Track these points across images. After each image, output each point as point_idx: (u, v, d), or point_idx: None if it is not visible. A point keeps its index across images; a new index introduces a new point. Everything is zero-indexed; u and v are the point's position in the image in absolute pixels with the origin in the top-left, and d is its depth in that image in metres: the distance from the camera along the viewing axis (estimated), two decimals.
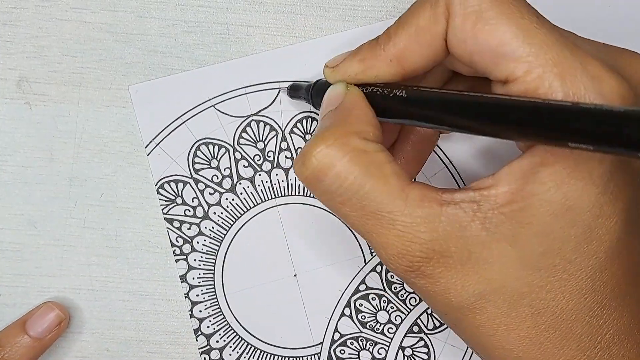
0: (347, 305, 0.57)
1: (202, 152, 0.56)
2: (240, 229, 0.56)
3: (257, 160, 0.56)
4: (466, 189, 0.40)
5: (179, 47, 0.56)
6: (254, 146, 0.56)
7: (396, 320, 0.57)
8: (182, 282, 0.56)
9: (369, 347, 0.57)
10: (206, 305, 0.57)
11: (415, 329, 0.57)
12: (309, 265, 0.57)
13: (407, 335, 0.57)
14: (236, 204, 0.56)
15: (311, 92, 0.52)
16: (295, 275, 0.57)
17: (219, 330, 0.57)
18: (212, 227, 0.56)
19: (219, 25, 0.56)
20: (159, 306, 0.57)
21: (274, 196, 0.56)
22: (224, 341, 0.57)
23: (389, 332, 0.57)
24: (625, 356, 0.41)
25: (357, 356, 0.57)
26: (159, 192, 0.56)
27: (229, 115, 0.56)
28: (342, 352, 0.57)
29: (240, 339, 0.57)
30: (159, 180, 0.56)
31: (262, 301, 0.57)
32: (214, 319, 0.57)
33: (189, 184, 0.56)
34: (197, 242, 0.56)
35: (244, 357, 0.57)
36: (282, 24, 0.56)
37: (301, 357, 0.57)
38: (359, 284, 0.57)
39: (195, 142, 0.56)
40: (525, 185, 0.39)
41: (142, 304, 0.57)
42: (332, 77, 0.48)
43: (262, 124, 0.56)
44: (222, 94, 0.56)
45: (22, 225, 0.56)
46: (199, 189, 0.56)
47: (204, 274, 0.56)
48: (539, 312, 0.40)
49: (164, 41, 0.56)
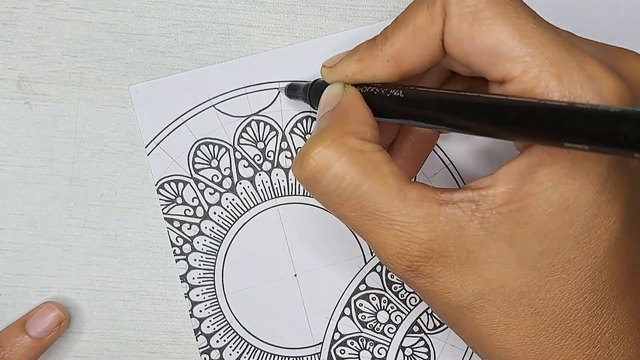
0: (348, 305, 0.57)
1: (202, 152, 0.56)
2: (240, 228, 0.56)
3: (257, 160, 0.56)
4: (464, 188, 0.40)
5: (179, 47, 0.56)
6: (254, 146, 0.56)
7: (396, 320, 0.57)
8: (182, 282, 0.56)
9: (369, 347, 0.57)
10: (206, 305, 0.57)
11: (415, 328, 0.57)
12: (309, 265, 0.57)
13: (408, 335, 0.57)
14: (236, 203, 0.56)
15: (309, 92, 0.52)
16: (295, 275, 0.57)
17: (219, 330, 0.57)
18: (212, 227, 0.56)
19: (219, 25, 0.56)
20: (159, 306, 0.57)
21: (274, 196, 0.56)
22: (224, 341, 0.57)
23: (389, 332, 0.57)
24: (624, 355, 0.41)
25: (357, 356, 0.57)
26: (159, 192, 0.56)
27: (229, 115, 0.56)
28: (342, 352, 0.57)
29: (240, 339, 0.57)
30: (159, 180, 0.56)
31: (262, 301, 0.57)
32: (214, 318, 0.57)
33: (189, 184, 0.56)
34: (197, 242, 0.56)
35: (244, 357, 0.57)
36: (282, 24, 0.56)
37: (301, 357, 0.57)
38: (359, 284, 0.57)
39: (195, 142, 0.56)
40: (523, 185, 0.39)
41: (142, 304, 0.57)
42: (329, 77, 0.48)
43: (262, 124, 0.56)
44: (222, 94, 0.56)
45: (22, 225, 0.56)
46: (199, 189, 0.56)
47: (204, 273, 0.56)
48: (538, 311, 0.40)
49: (164, 41, 0.56)
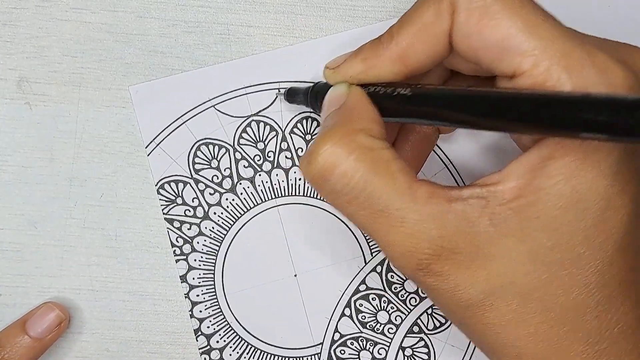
0: (348, 305, 0.57)
1: (202, 153, 0.56)
2: (240, 229, 0.56)
3: (257, 160, 0.56)
4: (473, 185, 0.40)
5: (179, 47, 0.56)
6: (254, 146, 0.56)
7: (396, 320, 0.57)
8: (182, 282, 0.56)
9: (369, 347, 0.57)
10: (206, 305, 0.57)
11: (415, 329, 0.57)
12: (309, 265, 0.57)
13: (407, 335, 0.57)
14: (236, 204, 0.56)
15: (310, 95, 0.51)
16: (295, 275, 0.57)
17: (219, 330, 0.57)
18: (213, 227, 0.56)
19: (219, 25, 0.56)
20: (159, 306, 0.57)
21: (274, 196, 0.56)
22: (224, 341, 0.57)
23: (389, 332, 0.57)
24: (633, 350, 0.41)
25: (357, 356, 0.57)
26: (159, 192, 0.56)
27: (229, 115, 0.56)
28: (342, 352, 0.57)
29: (240, 339, 0.57)
30: (159, 180, 0.56)
31: (262, 301, 0.57)
32: (214, 319, 0.57)
33: (189, 184, 0.56)
34: (197, 242, 0.56)
35: (244, 357, 0.57)
36: (282, 24, 0.56)
37: (301, 357, 0.57)
38: (359, 284, 0.57)
39: (195, 143, 0.56)
40: (533, 179, 0.39)
41: (142, 304, 0.57)
42: (332, 78, 0.47)
43: (262, 124, 0.56)
44: (222, 94, 0.56)
45: (22, 225, 0.56)
46: (199, 189, 0.56)
47: (204, 274, 0.56)
48: (548, 307, 0.40)
49: (164, 41, 0.56)
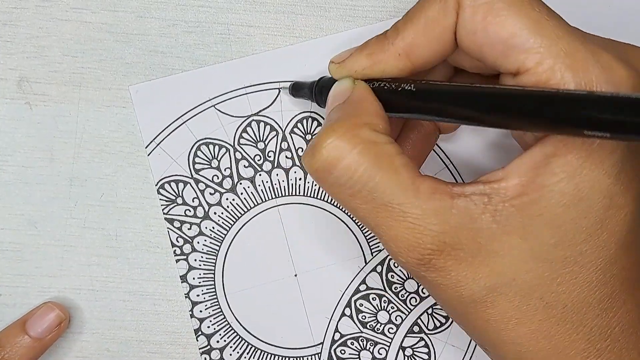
0: (348, 305, 0.57)
1: (203, 152, 0.56)
2: (240, 229, 0.56)
3: (258, 160, 0.56)
4: (476, 182, 0.40)
5: (179, 47, 0.56)
6: (254, 146, 0.56)
7: (397, 320, 0.57)
8: (182, 282, 0.56)
9: (370, 347, 0.57)
10: (207, 305, 0.57)
11: (415, 329, 0.57)
12: (310, 265, 0.57)
13: (408, 335, 0.57)
14: (236, 204, 0.56)
15: (315, 90, 0.51)
16: (295, 275, 0.57)
17: (219, 330, 0.57)
18: (213, 227, 0.56)
19: (220, 25, 0.56)
20: (159, 306, 0.57)
21: (274, 196, 0.56)
22: (225, 341, 0.57)
23: (390, 332, 0.57)
24: (634, 348, 0.42)
25: (357, 356, 0.57)
26: (159, 192, 0.56)
27: (229, 115, 0.56)
28: (343, 352, 0.57)
29: (240, 339, 0.57)
30: (160, 180, 0.56)
31: (262, 301, 0.57)
32: (214, 319, 0.57)
33: (189, 184, 0.56)
34: (198, 242, 0.56)
35: (245, 357, 0.57)
36: (282, 24, 0.56)
37: (301, 357, 0.57)
38: (360, 284, 0.57)
39: (195, 142, 0.56)
40: (536, 177, 0.39)
41: (143, 304, 0.57)
42: (337, 72, 0.47)
43: (262, 124, 0.56)
44: (223, 94, 0.56)
45: (22, 225, 0.56)
46: (199, 189, 0.56)
47: (204, 274, 0.56)
48: (550, 304, 0.40)
49: (165, 41, 0.56)
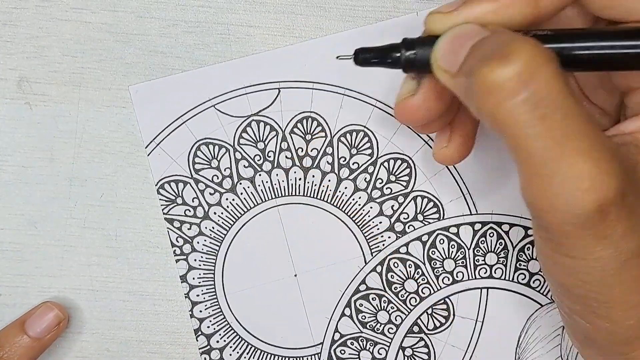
0: (348, 305, 0.57)
1: (203, 152, 0.56)
2: (240, 229, 0.56)
3: (258, 160, 0.56)
4: (617, 133, 0.38)
5: (179, 47, 0.56)
6: (254, 146, 0.56)
7: (396, 320, 0.57)
8: (182, 282, 0.56)
9: (369, 347, 0.57)
10: (206, 305, 0.57)
11: (415, 329, 0.57)
12: (309, 265, 0.57)
13: (408, 335, 0.57)
14: (236, 204, 0.56)
15: (405, 49, 0.42)
16: (295, 275, 0.57)
17: (219, 330, 0.57)
18: (213, 227, 0.56)
19: (219, 25, 0.56)
20: (159, 306, 0.57)
21: (274, 196, 0.56)
22: (224, 341, 0.57)
23: (389, 332, 0.57)
24: None
25: (357, 356, 0.57)
26: (159, 192, 0.56)
27: (229, 115, 0.56)
28: (343, 352, 0.57)
29: (240, 339, 0.57)
30: (159, 180, 0.56)
31: (262, 301, 0.57)
32: (214, 319, 0.57)
33: (189, 184, 0.56)
34: (198, 242, 0.56)
35: (244, 357, 0.57)
36: (282, 24, 0.56)
37: (301, 357, 0.57)
38: (359, 284, 0.57)
39: (195, 142, 0.56)
40: None
41: (143, 304, 0.57)
42: (445, 21, 0.40)
43: (262, 124, 0.56)
44: (223, 94, 0.56)
45: (22, 225, 0.56)
46: (199, 189, 0.56)
47: (204, 274, 0.56)
48: None
49: (164, 41, 0.56)
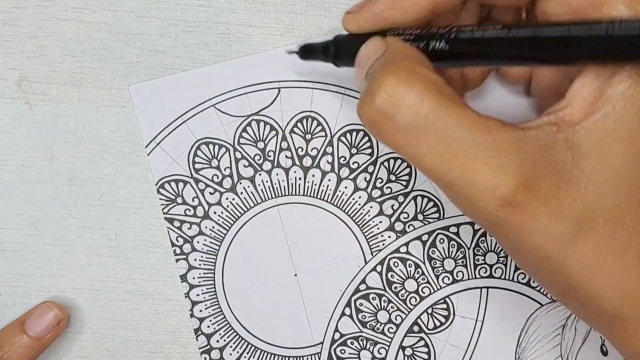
0: (348, 305, 0.57)
1: (203, 152, 0.56)
2: (240, 228, 0.56)
3: (258, 159, 0.56)
4: (540, 116, 0.39)
5: (179, 46, 0.56)
6: (254, 146, 0.56)
7: (396, 320, 0.57)
8: (182, 281, 0.56)
9: (369, 347, 0.57)
10: (206, 305, 0.57)
11: (415, 328, 0.57)
12: (310, 264, 0.57)
13: (408, 335, 0.57)
14: (236, 203, 0.56)
15: (331, 49, 0.49)
16: (295, 274, 0.57)
17: (219, 330, 0.57)
18: (213, 227, 0.56)
19: (219, 24, 0.56)
20: (159, 306, 0.57)
21: (274, 196, 0.56)
22: (225, 341, 0.57)
23: (389, 332, 0.57)
24: None
25: (357, 356, 0.57)
26: (159, 192, 0.56)
27: (229, 114, 0.56)
28: (343, 351, 0.57)
29: (240, 339, 0.57)
30: (159, 179, 0.56)
31: (262, 301, 0.57)
32: (214, 318, 0.57)
33: (189, 184, 0.56)
34: (198, 242, 0.56)
35: (245, 357, 0.57)
36: (282, 23, 0.56)
37: (301, 357, 0.57)
38: (360, 284, 0.57)
39: (195, 142, 0.56)
40: (602, 92, 0.37)
41: (143, 303, 0.57)
42: (354, 19, 0.45)
43: (262, 124, 0.56)
44: (223, 94, 0.56)
45: (22, 225, 0.56)
46: (199, 189, 0.56)
47: (204, 273, 0.56)
48: None
49: (164, 41, 0.56)
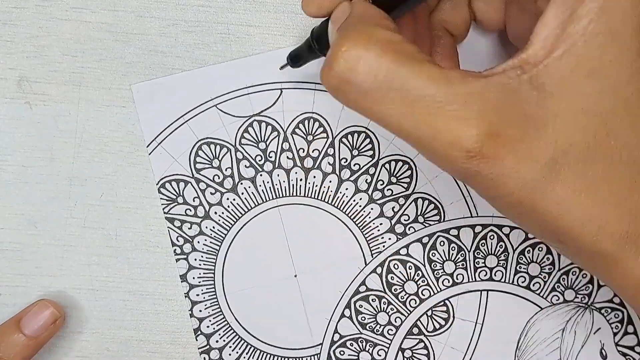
0: (347, 306, 0.57)
1: (204, 152, 0.56)
2: (241, 229, 0.57)
3: (259, 160, 0.56)
4: (505, 61, 0.39)
5: (179, 46, 0.56)
6: (255, 146, 0.56)
7: (396, 321, 0.57)
8: (182, 281, 0.56)
9: (369, 349, 0.57)
10: (206, 305, 0.57)
11: (415, 330, 0.57)
12: (310, 265, 0.57)
13: (407, 337, 0.57)
14: (237, 203, 0.56)
15: (313, 42, 0.49)
16: (295, 275, 0.57)
17: (218, 330, 0.57)
18: (213, 227, 0.56)
19: (219, 24, 0.56)
20: (159, 306, 0.57)
21: (275, 196, 0.56)
22: (224, 341, 0.57)
23: (389, 334, 0.57)
24: None
25: (356, 357, 0.57)
26: (160, 192, 0.56)
27: (231, 115, 0.56)
28: (342, 353, 0.57)
29: (240, 339, 0.57)
30: (161, 179, 0.56)
31: (262, 301, 0.57)
32: (213, 318, 0.57)
33: (190, 184, 0.56)
34: (198, 242, 0.56)
35: (244, 357, 0.57)
36: (282, 23, 0.57)
37: (301, 358, 0.57)
38: (359, 285, 0.57)
39: (197, 142, 0.56)
40: (563, 29, 0.37)
41: (143, 303, 0.57)
42: (313, 2, 0.46)
43: (264, 125, 0.56)
44: (225, 94, 0.56)
45: (22, 225, 0.56)
46: (200, 189, 0.56)
47: (204, 273, 0.57)
48: (614, 163, 0.38)
49: (164, 41, 0.56)
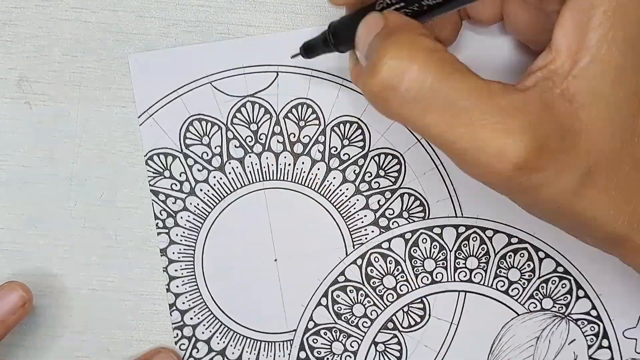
0: (325, 295, 0.56)
1: (195, 128, 0.56)
2: (225, 208, 0.57)
3: (249, 141, 0.56)
4: (530, 73, 0.40)
5: (179, 46, 0.57)
6: (247, 127, 0.56)
7: (372, 315, 0.56)
8: (161, 255, 0.56)
9: (342, 339, 0.56)
10: (184, 281, 0.56)
11: (390, 325, 0.56)
12: (291, 251, 0.56)
13: (381, 331, 0.56)
14: (223, 183, 0.57)
15: (329, 37, 0.49)
16: (275, 260, 0.56)
17: (194, 307, 0.56)
18: (197, 204, 0.56)
19: (219, 24, 0.57)
20: (159, 306, 0.57)
21: (262, 179, 0.57)
22: (198, 319, 0.56)
23: (364, 326, 0.56)
24: None
25: (329, 347, 0.56)
26: (147, 164, 0.56)
27: (225, 93, 0.56)
28: (315, 341, 0.56)
29: (214, 319, 0.56)
30: (149, 151, 0.56)
31: (240, 282, 0.56)
32: (190, 295, 0.56)
33: (178, 158, 0.56)
34: (181, 218, 0.56)
35: (217, 337, 0.56)
36: (282, 23, 0.57)
37: (274, 342, 0.56)
38: (338, 275, 0.56)
39: (188, 117, 0.56)
40: (584, 35, 0.38)
41: (143, 303, 0.57)
42: None
43: (257, 106, 0.56)
44: (221, 72, 0.56)
45: (22, 225, 0.57)
46: (187, 164, 0.56)
47: (184, 249, 0.56)
48: (638, 160, 0.40)
49: (164, 41, 0.57)
